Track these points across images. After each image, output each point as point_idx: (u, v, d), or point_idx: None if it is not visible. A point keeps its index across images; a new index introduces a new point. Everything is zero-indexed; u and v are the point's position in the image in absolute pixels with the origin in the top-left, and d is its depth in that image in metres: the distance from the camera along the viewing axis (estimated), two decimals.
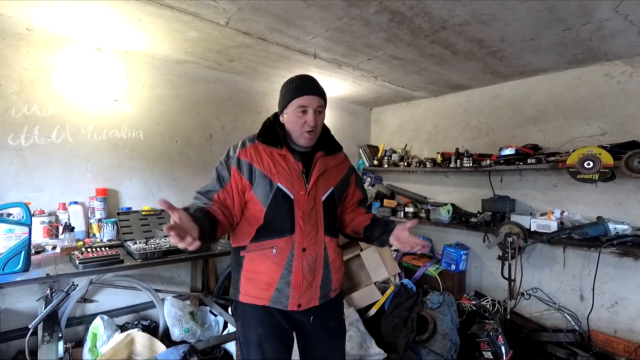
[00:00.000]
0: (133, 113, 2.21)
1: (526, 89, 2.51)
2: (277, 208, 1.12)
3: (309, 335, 1.23)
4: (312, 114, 1.14)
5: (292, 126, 1.16)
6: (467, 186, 2.85)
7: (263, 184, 1.12)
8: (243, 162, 1.13)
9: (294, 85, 1.17)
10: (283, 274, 1.11)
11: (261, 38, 1.93)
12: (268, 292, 1.12)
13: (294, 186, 1.14)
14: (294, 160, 1.17)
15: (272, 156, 1.16)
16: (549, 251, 2.36)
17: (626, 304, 2.05)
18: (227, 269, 2.40)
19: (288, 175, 1.15)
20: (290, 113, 1.15)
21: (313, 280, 1.15)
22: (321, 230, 1.18)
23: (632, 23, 1.66)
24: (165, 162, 2.34)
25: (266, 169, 1.13)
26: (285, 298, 1.12)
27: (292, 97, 1.15)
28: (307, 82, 1.18)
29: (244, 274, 1.15)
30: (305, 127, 1.14)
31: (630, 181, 2.01)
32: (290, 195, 1.13)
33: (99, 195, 2.03)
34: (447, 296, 2.37)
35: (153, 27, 1.82)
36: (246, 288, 1.15)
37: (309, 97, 1.14)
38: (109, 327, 1.89)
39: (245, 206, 1.16)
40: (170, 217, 0.92)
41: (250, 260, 1.14)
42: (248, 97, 2.75)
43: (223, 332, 2.14)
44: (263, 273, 1.12)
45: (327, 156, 1.24)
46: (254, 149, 1.16)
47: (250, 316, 1.16)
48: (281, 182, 1.13)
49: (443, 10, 1.59)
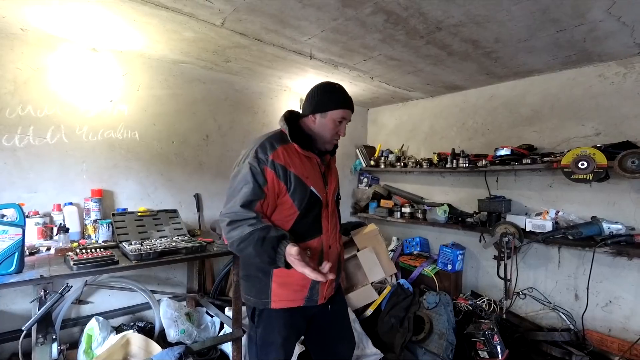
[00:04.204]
0: (129, 113, 2.20)
1: (521, 90, 2.53)
2: (310, 211, 1.15)
3: (324, 320, 1.30)
4: (344, 125, 1.23)
5: (325, 131, 1.20)
6: (463, 186, 2.87)
7: (300, 188, 1.12)
8: (278, 165, 1.09)
9: (339, 95, 1.22)
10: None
11: (257, 39, 1.93)
12: (302, 293, 1.17)
13: (320, 188, 1.19)
14: (318, 162, 1.21)
15: (301, 158, 1.17)
16: (544, 251, 2.37)
17: (620, 303, 2.07)
18: (224, 270, 2.39)
19: (316, 178, 1.19)
20: (329, 120, 1.20)
21: (335, 272, 1.21)
22: (338, 226, 1.29)
23: (624, 24, 1.68)
24: (161, 162, 2.33)
25: (300, 172, 1.13)
26: (317, 294, 1.19)
27: (337, 107, 1.19)
28: (347, 96, 1.25)
29: (275, 280, 1.14)
30: (336, 136, 1.23)
31: (624, 181, 2.02)
32: (319, 197, 1.18)
33: (94, 196, 2.02)
34: (444, 296, 2.38)
35: (149, 27, 1.81)
36: (278, 294, 1.15)
37: (348, 111, 1.22)
38: (104, 328, 1.88)
39: (276, 209, 1.13)
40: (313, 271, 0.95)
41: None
42: (244, 98, 2.74)
43: (219, 333, 2.13)
44: (296, 276, 1.07)
45: (331, 158, 1.34)
46: (285, 150, 1.13)
47: (275, 321, 1.18)
48: (312, 185, 1.16)
49: (438, 11, 1.60)
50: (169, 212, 2.12)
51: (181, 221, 2.09)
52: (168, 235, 1.97)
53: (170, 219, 2.08)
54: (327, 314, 1.29)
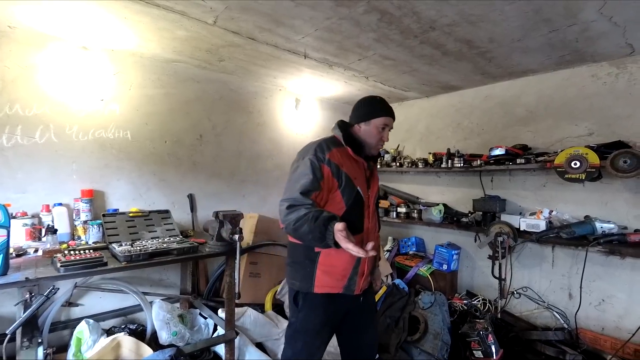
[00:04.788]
0: (120, 113, 2.17)
1: (516, 90, 2.54)
2: (355, 208, 1.30)
3: (357, 312, 1.43)
4: (387, 131, 1.39)
5: (370, 137, 1.37)
6: (458, 186, 2.87)
7: (349, 186, 1.28)
8: (333, 164, 1.26)
9: (381, 105, 1.39)
10: (355, 265, 1.31)
11: (250, 37, 1.92)
12: (342, 282, 1.31)
13: (364, 189, 1.35)
14: (365, 166, 1.38)
15: (352, 161, 1.33)
16: (538, 250, 2.38)
17: (613, 302, 2.08)
18: (217, 270, 2.37)
19: (362, 180, 1.34)
20: (373, 127, 1.36)
21: (372, 267, 1.41)
22: (377, 226, 1.46)
23: (616, 24, 1.69)
24: (154, 162, 2.30)
25: (350, 172, 1.29)
26: (354, 285, 1.33)
27: (378, 115, 1.36)
28: (387, 105, 1.41)
29: (319, 267, 1.29)
30: (380, 142, 1.38)
31: (617, 181, 2.03)
32: (363, 197, 1.33)
33: (84, 196, 1.99)
34: (439, 296, 2.37)
35: (140, 25, 1.79)
36: (322, 280, 1.29)
37: (390, 118, 1.38)
38: (95, 331, 1.85)
39: (326, 203, 1.28)
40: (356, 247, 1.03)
41: (326, 256, 1.28)
42: (239, 97, 2.72)
43: (213, 335, 2.11)
44: (339, 266, 1.29)
45: (374, 165, 1.48)
46: (340, 153, 1.29)
47: (317, 306, 1.31)
48: (359, 186, 1.31)
49: (431, 11, 1.60)
50: (161, 212, 2.09)
51: (173, 222, 2.07)
52: (160, 236, 1.94)
53: (162, 220, 2.06)
54: (360, 305, 1.43)
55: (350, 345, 1.46)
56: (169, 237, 1.95)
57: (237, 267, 1.77)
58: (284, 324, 2.20)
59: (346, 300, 1.34)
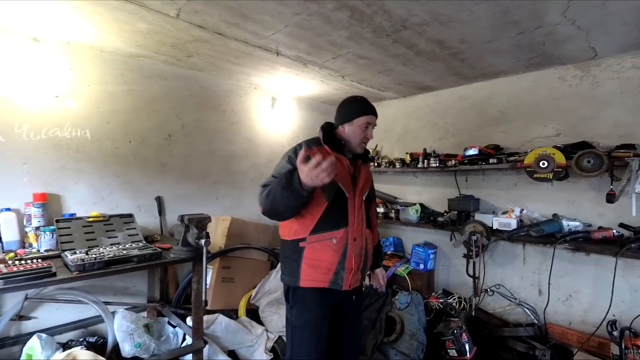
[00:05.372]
0: (78, 110, 2.02)
1: (489, 91, 2.58)
2: (337, 204, 1.34)
3: (349, 311, 1.48)
4: (371, 129, 1.44)
5: (353, 136, 1.41)
6: (435, 186, 2.89)
7: (329, 183, 1.27)
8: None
9: (362, 105, 1.44)
10: (340, 260, 1.34)
11: (218, 32, 1.83)
12: (327, 276, 1.34)
13: (348, 186, 1.38)
14: (348, 164, 1.41)
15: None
16: (510, 248, 2.43)
17: (579, 297, 2.14)
18: (187, 276, 2.26)
19: (344, 177, 1.37)
20: (356, 127, 1.41)
21: (360, 264, 1.40)
22: (364, 223, 1.45)
23: (580, 28, 1.73)
24: (116, 163, 2.16)
25: None
26: (341, 280, 1.35)
27: (360, 114, 1.41)
28: (370, 103, 1.46)
29: (305, 261, 1.33)
30: (364, 139, 1.42)
31: (582, 180, 2.10)
32: (346, 194, 1.36)
33: (36, 200, 1.83)
34: (415, 296, 2.38)
35: (96, 16, 1.66)
36: (308, 273, 1.33)
37: (372, 116, 1.43)
38: (48, 346, 1.71)
39: (307, 201, 1.29)
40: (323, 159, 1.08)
41: (311, 250, 1.33)
42: (211, 95, 2.62)
43: (182, 344, 2.01)
44: (324, 260, 1.33)
45: (364, 164, 1.52)
46: (320, 151, 1.32)
47: (309, 300, 1.35)
48: (341, 182, 1.35)
49: (401, 9, 1.57)
50: (123, 216, 1.97)
51: (137, 226, 1.95)
52: (121, 242, 1.82)
53: (124, 225, 1.93)
54: (351, 304, 1.48)
55: (333, 344, 1.45)
56: (130, 243, 1.83)
57: (204, 273, 1.69)
58: (258, 330, 2.13)
59: (336, 295, 1.38)
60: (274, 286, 2.23)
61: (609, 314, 1.87)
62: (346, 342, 1.50)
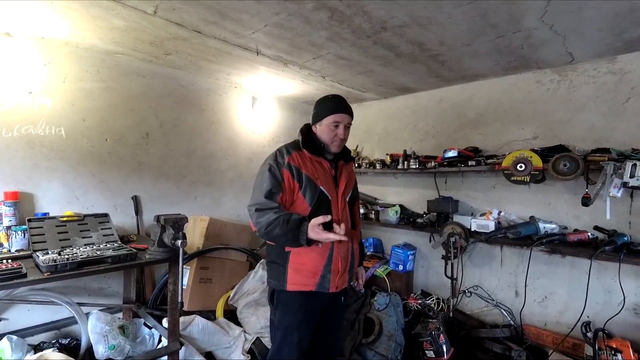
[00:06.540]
0: (52, 107, 1.98)
1: (468, 94, 2.60)
2: (320, 207, 1.34)
3: (334, 312, 1.48)
4: (342, 128, 1.40)
5: (326, 136, 1.41)
6: (415, 187, 2.91)
7: (310, 186, 1.34)
8: (293, 167, 1.33)
9: (330, 103, 1.42)
10: (326, 263, 1.35)
11: (196, 30, 1.81)
12: (314, 280, 1.34)
13: (330, 188, 1.39)
14: (328, 166, 1.42)
15: (313, 162, 1.39)
16: (488, 250, 2.46)
17: (554, 298, 2.18)
18: (164, 276, 2.23)
19: (326, 179, 1.39)
20: (325, 126, 1.40)
21: (347, 266, 1.41)
22: (349, 224, 1.44)
23: (557, 33, 1.75)
24: (92, 162, 2.12)
25: (311, 174, 1.36)
26: (328, 282, 1.36)
27: (328, 113, 1.39)
28: (340, 102, 1.43)
29: (291, 266, 1.34)
30: (336, 138, 1.40)
31: (558, 183, 2.13)
32: (328, 196, 1.37)
33: (7, 199, 1.79)
34: (394, 297, 2.39)
35: (70, 12, 1.63)
36: (294, 278, 1.34)
37: (341, 114, 1.40)
38: (18, 348, 1.68)
39: (292, 205, 1.35)
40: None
41: (296, 254, 1.34)
42: (191, 94, 2.58)
43: (158, 346, 1.98)
44: (309, 264, 1.34)
45: (346, 164, 1.52)
46: (299, 156, 1.37)
47: (292, 303, 1.35)
48: (322, 185, 1.36)
49: (381, 11, 1.58)
50: (98, 216, 1.93)
51: (112, 226, 1.91)
52: (95, 243, 1.78)
53: (99, 225, 1.89)
54: (341, 306, 1.51)
55: (313, 341, 1.45)
56: (105, 243, 1.79)
57: (181, 274, 1.67)
58: (235, 332, 2.11)
59: (322, 298, 1.39)
60: (252, 287, 2.22)
61: (584, 315, 1.90)
62: (326, 340, 1.50)
